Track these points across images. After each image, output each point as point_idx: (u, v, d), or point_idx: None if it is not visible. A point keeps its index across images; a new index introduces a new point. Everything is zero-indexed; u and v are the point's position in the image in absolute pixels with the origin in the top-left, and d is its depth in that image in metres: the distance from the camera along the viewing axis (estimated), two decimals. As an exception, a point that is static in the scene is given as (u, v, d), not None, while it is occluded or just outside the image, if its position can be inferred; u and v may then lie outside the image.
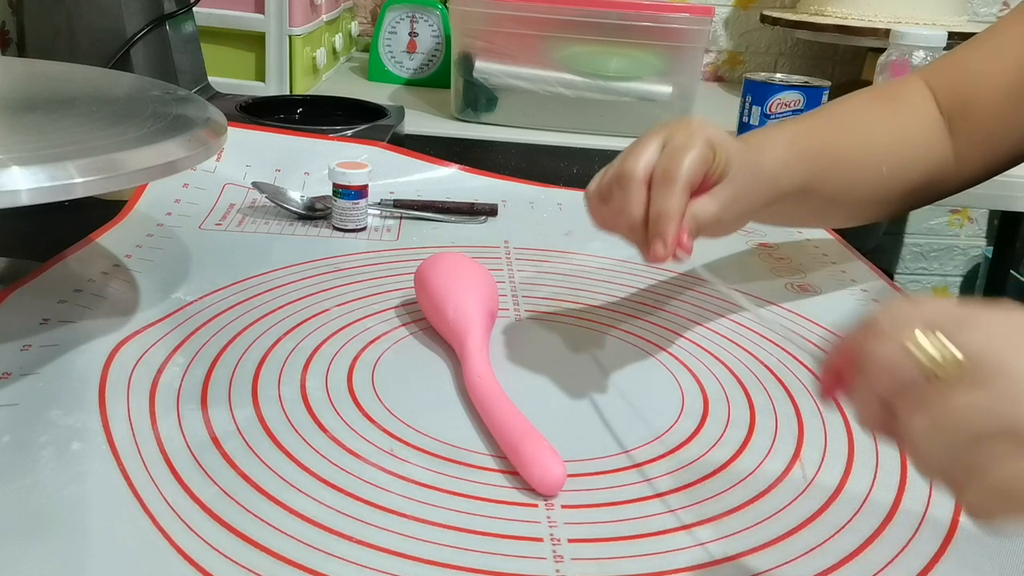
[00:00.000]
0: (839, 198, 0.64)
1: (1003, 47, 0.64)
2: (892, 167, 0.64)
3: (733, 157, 0.51)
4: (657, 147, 0.50)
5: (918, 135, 0.65)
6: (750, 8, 1.61)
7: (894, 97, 0.67)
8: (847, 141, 0.63)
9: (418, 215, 0.80)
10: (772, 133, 0.61)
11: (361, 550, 0.39)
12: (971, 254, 1.79)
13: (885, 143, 0.64)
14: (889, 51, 1.14)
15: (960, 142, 0.64)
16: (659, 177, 0.49)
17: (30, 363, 0.51)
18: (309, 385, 0.52)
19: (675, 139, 0.50)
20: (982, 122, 0.64)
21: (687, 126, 0.51)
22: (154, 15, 0.93)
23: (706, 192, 0.50)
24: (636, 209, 0.49)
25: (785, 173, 0.58)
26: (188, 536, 0.39)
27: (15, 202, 0.43)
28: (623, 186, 0.50)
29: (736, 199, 0.52)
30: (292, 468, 0.44)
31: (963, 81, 0.65)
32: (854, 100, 0.67)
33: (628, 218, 0.50)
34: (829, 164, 0.62)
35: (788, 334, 0.57)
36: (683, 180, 0.48)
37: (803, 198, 0.61)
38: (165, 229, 0.73)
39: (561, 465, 0.44)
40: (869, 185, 0.64)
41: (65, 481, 0.41)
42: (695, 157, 0.49)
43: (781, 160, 0.58)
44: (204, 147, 0.53)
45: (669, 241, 0.48)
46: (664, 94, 1.15)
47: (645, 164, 0.49)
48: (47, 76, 0.68)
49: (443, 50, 1.36)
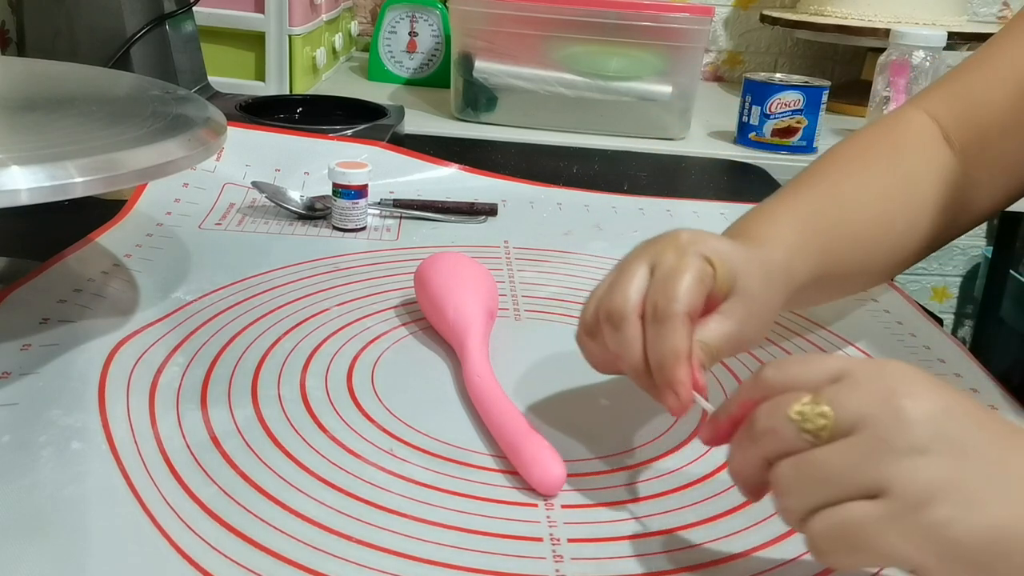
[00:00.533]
0: (858, 271, 0.58)
1: (1007, 70, 0.59)
2: (907, 222, 0.58)
3: (738, 266, 0.45)
4: (645, 273, 0.44)
5: (931, 179, 0.59)
6: (750, 8, 1.61)
7: (896, 141, 0.60)
8: (858, 212, 0.56)
9: (418, 215, 0.79)
10: (775, 219, 0.54)
11: (361, 550, 0.39)
12: (971, 254, 1.79)
13: (896, 198, 0.58)
14: (889, 51, 1.14)
15: (981, 173, 0.59)
16: (652, 315, 0.42)
17: (30, 363, 0.51)
18: (309, 385, 0.52)
19: (664, 262, 0.43)
20: (1005, 150, 0.59)
21: (675, 243, 0.44)
22: (154, 15, 0.93)
23: (713, 312, 0.44)
24: (634, 352, 0.43)
25: (799, 265, 0.51)
26: (187, 535, 0.39)
27: (15, 201, 0.43)
28: (615, 326, 0.43)
29: (752, 312, 0.45)
30: (292, 468, 0.44)
31: (974, 111, 0.60)
32: (853, 152, 0.59)
33: (628, 363, 0.43)
34: (843, 242, 0.55)
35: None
36: (681, 313, 0.41)
37: (821, 283, 0.54)
38: (165, 229, 0.73)
39: (561, 465, 0.44)
40: (887, 248, 0.58)
41: (65, 481, 0.41)
42: (691, 281, 0.42)
43: (791, 251, 0.51)
44: (204, 147, 0.53)
45: (682, 391, 0.41)
46: (664, 94, 1.15)
47: (635, 297, 0.43)
48: (47, 76, 0.68)
49: (443, 50, 1.36)
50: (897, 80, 1.10)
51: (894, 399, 0.32)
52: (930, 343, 0.63)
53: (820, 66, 1.63)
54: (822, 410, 0.33)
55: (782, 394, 0.35)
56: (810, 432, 0.33)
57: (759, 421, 0.35)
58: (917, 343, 0.63)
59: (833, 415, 0.33)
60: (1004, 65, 0.59)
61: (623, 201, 0.89)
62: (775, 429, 0.34)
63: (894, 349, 0.62)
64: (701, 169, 1.09)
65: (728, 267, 0.44)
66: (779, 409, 0.34)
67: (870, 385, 0.33)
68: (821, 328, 0.64)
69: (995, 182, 0.59)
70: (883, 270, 0.60)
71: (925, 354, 0.61)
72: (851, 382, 0.33)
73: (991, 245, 1.75)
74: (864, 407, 0.32)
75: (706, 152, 1.14)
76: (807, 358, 0.36)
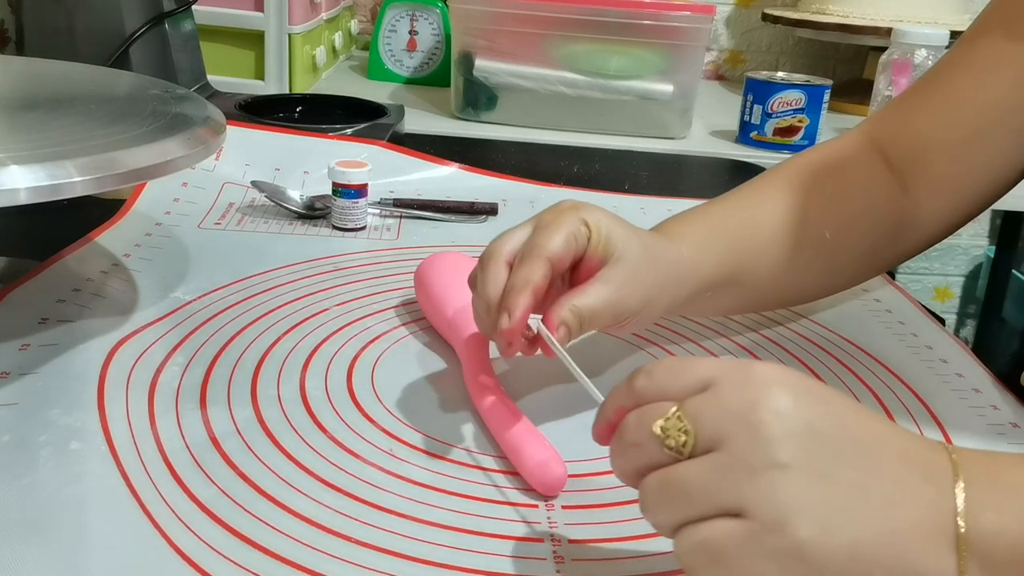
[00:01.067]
0: (780, 274, 0.57)
1: (942, 95, 0.59)
2: (836, 231, 0.57)
3: (616, 233, 0.47)
4: (526, 229, 0.47)
5: (861, 196, 0.58)
6: (751, 6, 1.61)
7: (826, 160, 0.60)
8: (771, 218, 0.56)
9: (418, 214, 0.79)
10: (683, 218, 0.56)
11: (360, 550, 0.39)
12: (973, 253, 1.79)
13: (821, 206, 0.57)
14: (891, 50, 1.14)
15: (922, 194, 0.59)
16: (519, 258, 0.45)
17: (29, 362, 0.51)
18: (308, 385, 0.52)
19: (542, 220, 0.47)
20: (943, 173, 0.58)
21: (558, 207, 0.47)
22: (153, 13, 0.93)
23: (590, 279, 0.46)
24: (491, 287, 0.45)
25: (703, 258, 0.52)
26: (186, 535, 0.39)
27: (14, 201, 0.43)
28: (483, 266, 0.46)
29: (634, 283, 0.47)
30: (291, 468, 0.44)
31: (912, 134, 0.59)
32: (780, 170, 0.60)
33: (484, 296, 0.46)
34: (758, 238, 0.56)
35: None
36: (542, 257, 0.44)
37: (737, 280, 0.55)
38: (164, 228, 0.73)
39: (562, 465, 0.44)
40: (811, 254, 0.57)
41: (64, 480, 0.41)
42: (561, 234, 0.45)
43: (694, 244, 0.52)
44: (203, 146, 0.53)
45: (516, 314, 0.43)
46: (665, 93, 1.15)
47: (508, 245, 0.47)
48: (46, 75, 0.67)
49: (443, 48, 1.36)
50: (899, 79, 1.10)
51: (755, 413, 0.31)
52: (932, 343, 0.63)
53: (822, 65, 1.63)
54: (684, 426, 0.32)
55: (649, 404, 0.34)
56: (672, 449, 0.33)
57: (626, 433, 0.35)
58: (919, 343, 0.63)
59: (694, 431, 0.32)
60: (940, 90, 0.59)
61: (624, 201, 0.88)
62: (639, 443, 0.34)
63: (896, 349, 0.61)
64: (702, 168, 1.09)
65: (604, 232, 0.46)
66: (643, 422, 0.34)
67: (732, 397, 0.32)
68: (822, 328, 0.64)
69: (938, 204, 0.59)
70: (813, 278, 0.59)
71: (927, 354, 0.61)
72: (714, 393, 0.33)
73: (993, 245, 1.75)
74: (724, 422, 0.32)
75: (707, 151, 1.14)
76: (678, 364, 0.35)
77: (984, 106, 0.57)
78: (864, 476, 0.31)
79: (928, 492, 0.31)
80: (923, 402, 0.55)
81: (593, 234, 0.46)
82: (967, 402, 0.55)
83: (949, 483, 0.31)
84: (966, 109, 0.58)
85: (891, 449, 0.32)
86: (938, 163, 0.58)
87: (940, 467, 0.32)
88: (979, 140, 0.57)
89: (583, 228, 0.46)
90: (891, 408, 0.54)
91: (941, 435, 0.51)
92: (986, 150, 0.57)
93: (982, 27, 0.59)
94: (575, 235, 0.46)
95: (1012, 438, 0.51)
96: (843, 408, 0.33)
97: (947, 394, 0.56)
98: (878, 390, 0.56)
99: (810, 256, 0.57)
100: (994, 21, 0.58)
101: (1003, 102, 0.56)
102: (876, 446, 0.32)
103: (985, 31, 0.58)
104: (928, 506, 0.31)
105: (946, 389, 0.56)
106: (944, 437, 0.51)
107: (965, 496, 0.31)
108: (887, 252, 0.61)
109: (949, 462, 0.32)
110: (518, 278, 0.44)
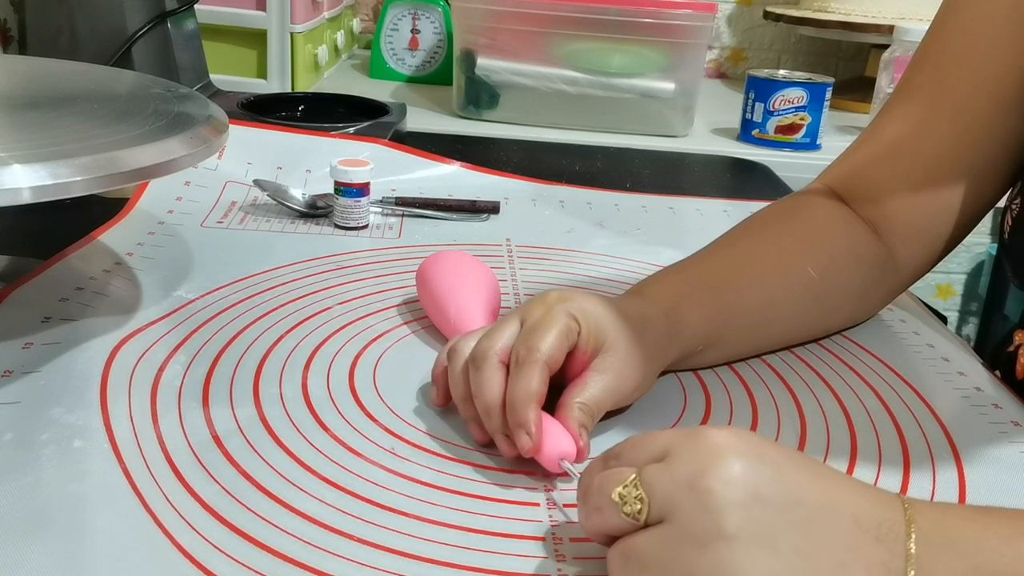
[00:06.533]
0: (772, 314, 0.56)
1: (895, 146, 0.59)
2: (821, 270, 0.57)
3: (604, 322, 0.46)
4: (515, 327, 0.46)
5: (841, 232, 0.59)
6: (753, 4, 1.61)
7: (796, 203, 0.61)
8: (750, 256, 0.57)
9: (420, 213, 0.79)
10: (662, 277, 0.55)
11: (362, 549, 0.39)
12: (975, 251, 1.79)
13: (798, 241, 0.58)
14: (893, 47, 1.14)
15: (893, 240, 0.59)
16: (514, 362, 0.44)
17: (32, 361, 0.51)
18: (311, 383, 0.52)
19: (531, 317, 0.46)
20: (904, 222, 0.59)
21: (544, 300, 0.47)
22: (155, 12, 0.93)
23: (587, 371, 0.46)
24: (488, 390, 0.44)
25: (686, 311, 0.52)
26: (189, 534, 0.39)
27: (17, 200, 0.43)
28: (477, 366, 0.45)
29: (629, 366, 0.47)
30: (293, 467, 0.44)
31: (868, 186, 0.60)
32: (752, 220, 0.60)
33: (483, 400, 0.45)
34: (740, 283, 0.55)
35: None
36: (539, 361, 0.44)
37: (730, 327, 0.54)
38: (167, 227, 0.73)
39: (571, 441, 0.44)
40: (800, 292, 0.57)
41: (67, 479, 0.41)
42: (554, 334, 0.44)
43: (675, 300, 0.52)
44: (205, 145, 0.53)
45: (533, 429, 0.43)
46: (667, 91, 1.15)
47: (500, 344, 0.45)
48: (49, 74, 0.68)
49: (445, 47, 1.36)
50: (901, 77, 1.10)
51: (703, 481, 0.32)
52: (934, 341, 0.63)
53: (823, 63, 1.63)
54: (639, 494, 0.34)
55: (613, 469, 0.36)
56: (628, 515, 0.34)
57: (590, 498, 0.36)
58: (921, 341, 0.63)
59: (647, 500, 0.33)
60: (886, 141, 0.60)
61: (626, 199, 0.88)
62: (600, 508, 0.35)
63: (897, 347, 0.61)
64: (704, 166, 1.09)
65: (593, 323, 0.46)
66: (604, 489, 0.35)
67: (682, 467, 0.33)
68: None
69: (912, 251, 0.60)
70: (797, 322, 0.59)
71: (929, 352, 0.61)
72: (668, 463, 0.34)
73: (996, 243, 1.74)
74: (674, 492, 0.33)
75: (709, 149, 1.14)
76: (647, 435, 0.36)
77: (930, 156, 0.58)
78: (810, 543, 0.32)
79: (880, 554, 0.32)
80: (924, 401, 0.55)
81: (583, 328, 0.46)
82: (969, 400, 0.55)
83: (901, 543, 0.32)
84: (914, 160, 0.59)
85: (843, 510, 0.33)
86: (898, 214, 0.59)
87: (893, 525, 0.33)
88: (931, 188, 0.58)
89: (573, 324, 0.45)
90: (892, 407, 0.54)
91: (943, 434, 0.51)
92: (942, 196, 0.58)
93: (915, 73, 0.60)
94: (567, 333, 0.45)
95: (1013, 436, 0.51)
96: (793, 471, 0.33)
97: (949, 392, 0.56)
98: (880, 388, 0.56)
99: (799, 295, 0.57)
100: (926, 67, 0.59)
101: (949, 152, 0.57)
102: (826, 510, 0.33)
103: (920, 83, 0.59)
104: (880, 568, 0.32)
105: (948, 387, 0.56)
106: (946, 436, 0.51)
107: (916, 555, 0.32)
108: (875, 292, 0.62)
109: (903, 519, 0.33)
110: (521, 391, 0.43)
